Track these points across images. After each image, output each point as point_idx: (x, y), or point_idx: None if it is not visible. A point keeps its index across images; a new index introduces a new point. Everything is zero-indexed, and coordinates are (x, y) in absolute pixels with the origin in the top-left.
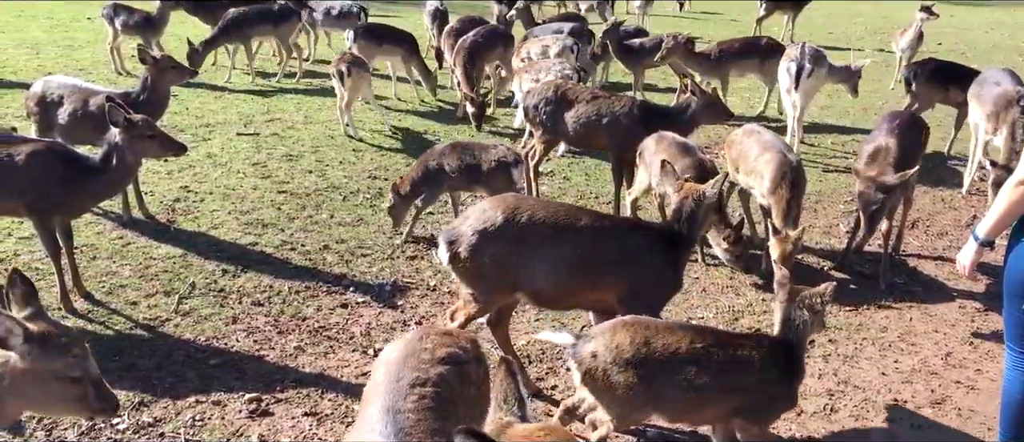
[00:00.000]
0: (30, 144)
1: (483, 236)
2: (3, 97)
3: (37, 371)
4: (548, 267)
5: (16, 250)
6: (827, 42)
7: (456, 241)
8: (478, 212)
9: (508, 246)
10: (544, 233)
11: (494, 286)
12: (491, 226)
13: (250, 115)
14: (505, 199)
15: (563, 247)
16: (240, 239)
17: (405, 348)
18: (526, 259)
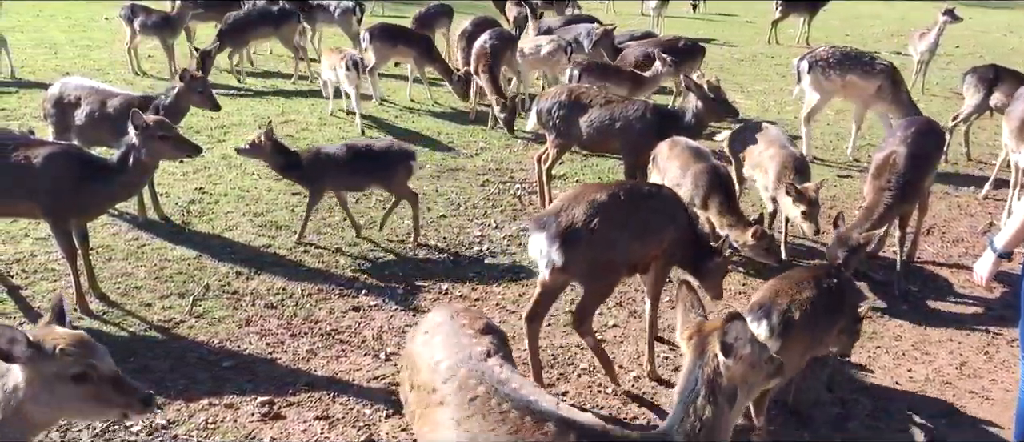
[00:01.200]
0: (47, 147)
1: (605, 218)
2: (22, 97)
3: (41, 376)
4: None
5: (33, 251)
6: (844, 44)
7: (573, 229)
8: (578, 199)
9: (622, 226)
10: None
11: (615, 266)
12: (609, 208)
13: (265, 117)
14: (593, 185)
15: None
16: (254, 241)
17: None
18: (638, 236)
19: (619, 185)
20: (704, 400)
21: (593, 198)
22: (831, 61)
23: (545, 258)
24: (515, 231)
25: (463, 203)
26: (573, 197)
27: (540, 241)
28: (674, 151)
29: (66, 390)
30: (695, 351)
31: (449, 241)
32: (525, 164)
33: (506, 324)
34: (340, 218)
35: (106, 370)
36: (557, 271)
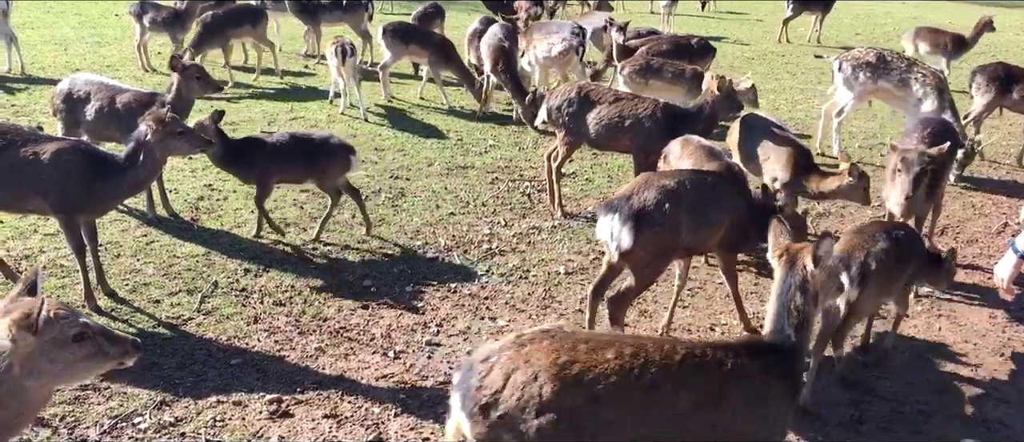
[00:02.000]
0: (55, 143)
1: (674, 203)
2: (32, 93)
3: (40, 347)
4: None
5: (41, 247)
6: (855, 43)
7: (645, 212)
8: (650, 184)
9: (690, 211)
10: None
11: (674, 249)
12: (678, 194)
13: (274, 114)
14: (656, 174)
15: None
16: (262, 238)
17: None
18: (700, 220)
19: (686, 172)
20: (800, 299)
21: (663, 183)
22: (865, 63)
23: (614, 240)
24: (524, 229)
25: (472, 201)
26: (643, 182)
27: (610, 223)
28: (687, 150)
29: (67, 353)
30: (786, 265)
31: (458, 239)
32: (534, 162)
33: (516, 322)
34: (349, 216)
35: (97, 326)
36: (624, 253)
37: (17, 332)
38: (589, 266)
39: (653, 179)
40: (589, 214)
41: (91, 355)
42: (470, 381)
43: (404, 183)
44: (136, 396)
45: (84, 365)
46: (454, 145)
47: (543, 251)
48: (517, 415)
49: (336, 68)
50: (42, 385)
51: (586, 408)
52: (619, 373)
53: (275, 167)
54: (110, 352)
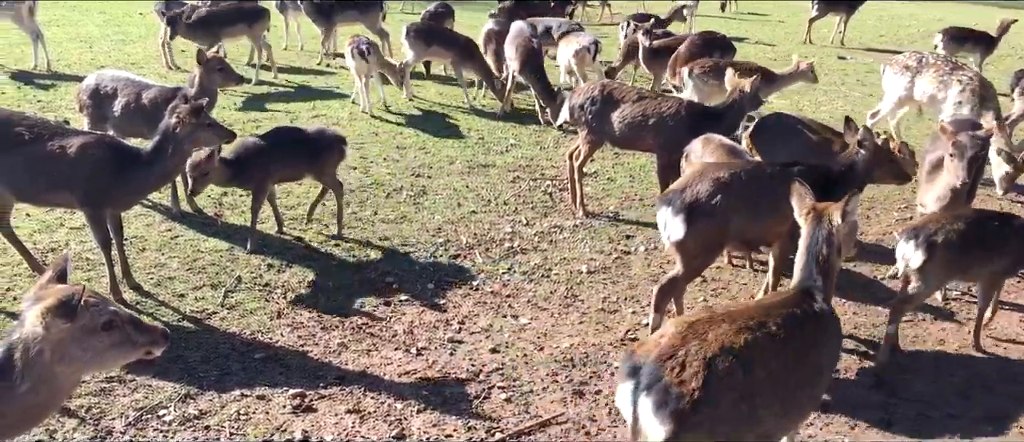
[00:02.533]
0: (82, 137)
1: (727, 195)
2: (58, 90)
3: (71, 333)
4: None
5: (67, 240)
6: (879, 45)
7: (697, 204)
8: (701, 177)
9: (743, 203)
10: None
11: (725, 241)
12: (731, 186)
13: (296, 111)
14: (713, 165)
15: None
16: (285, 234)
17: None
18: (752, 211)
19: (742, 165)
20: (826, 250)
21: (717, 176)
22: (907, 66)
23: (668, 231)
24: (546, 228)
25: (493, 199)
26: (698, 174)
27: (665, 215)
28: (708, 149)
29: (97, 341)
30: (814, 220)
31: (480, 237)
32: (556, 161)
33: (537, 321)
34: (371, 212)
35: (125, 314)
36: (677, 244)
37: (50, 319)
38: (611, 265)
39: (708, 171)
40: (611, 214)
41: (120, 343)
42: (663, 378)
43: (426, 181)
44: (161, 389)
45: (112, 353)
46: (475, 144)
47: (565, 250)
48: (722, 400)
49: (355, 68)
50: (72, 372)
51: (760, 383)
52: (765, 342)
53: (276, 167)
54: (139, 341)
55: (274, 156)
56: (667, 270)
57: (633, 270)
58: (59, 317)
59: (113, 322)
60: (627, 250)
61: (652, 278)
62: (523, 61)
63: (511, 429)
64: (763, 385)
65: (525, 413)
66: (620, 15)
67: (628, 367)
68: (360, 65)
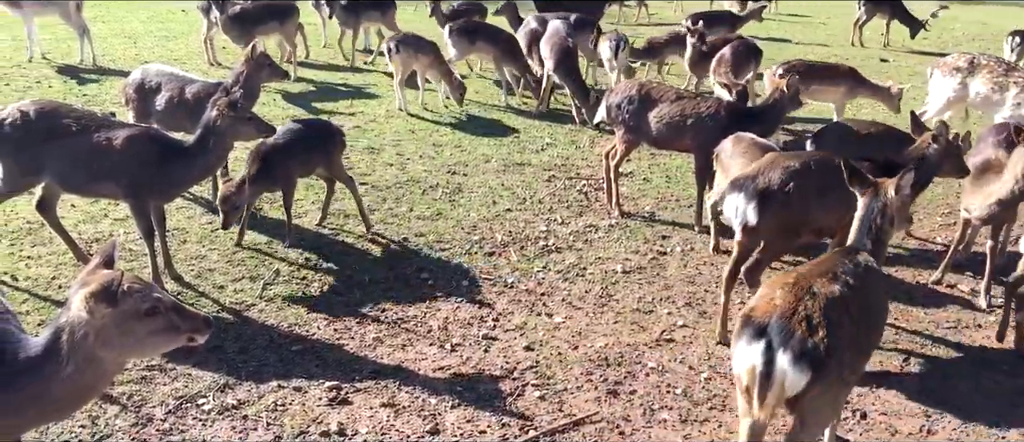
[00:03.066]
0: (128, 129)
1: (799, 182)
2: (102, 84)
3: (114, 318)
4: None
5: (111, 231)
6: (922, 47)
7: (769, 190)
8: (773, 165)
9: (814, 191)
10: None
11: (800, 227)
12: (802, 174)
13: (334, 108)
14: (785, 153)
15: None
16: (323, 229)
17: None
18: (821, 200)
19: (812, 154)
20: (879, 220)
21: (788, 164)
22: (957, 68)
23: (740, 217)
24: (581, 227)
25: (529, 198)
26: (769, 163)
27: (737, 201)
28: (739, 148)
29: (140, 326)
30: (871, 193)
31: (515, 235)
32: (591, 160)
33: (571, 320)
34: (406, 208)
35: (169, 301)
36: (749, 230)
37: (94, 303)
38: (646, 265)
39: (780, 159)
40: (647, 213)
41: (163, 329)
42: (796, 332)
43: (461, 178)
44: (200, 378)
45: (155, 339)
46: (511, 142)
47: (600, 249)
48: (841, 345)
49: (391, 61)
50: (115, 355)
51: (856, 327)
52: (848, 293)
53: (295, 164)
54: (181, 327)
55: (295, 155)
56: (702, 271)
57: (669, 271)
58: (101, 302)
59: (156, 308)
60: (663, 250)
61: (688, 279)
62: (558, 60)
63: (544, 427)
64: (858, 328)
65: (559, 411)
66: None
67: (752, 330)
68: (397, 62)
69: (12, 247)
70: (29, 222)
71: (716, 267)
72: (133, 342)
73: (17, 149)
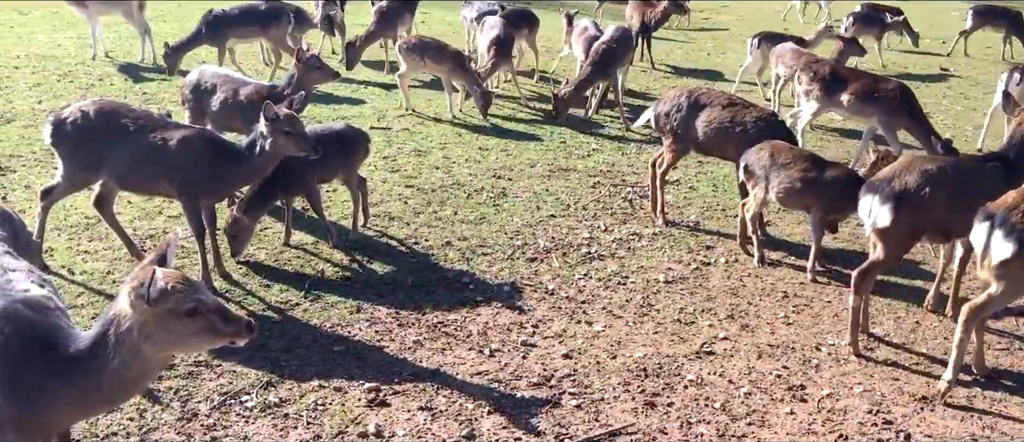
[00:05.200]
0: (182, 130)
1: (933, 186)
2: (161, 84)
3: (157, 315)
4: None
5: (165, 228)
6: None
7: (906, 194)
8: (909, 168)
9: (947, 195)
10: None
11: (923, 230)
12: (938, 177)
13: (384, 110)
14: (919, 157)
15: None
16: (367, 230)
17: None
18: (950, 202)
19: (946, 158)
20: None
21: (925, 168)
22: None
23: (872, 218)
24: (624, 234)
25: (573, 204)
26: (905, 166)
27: (871, 202)
28: (766, 153)
29: (181, 325)
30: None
31: (557, 241)
32: (637, 167)
33: (611, 329)
34: (451, 212)
35: (213, 303)
36: (880, 231)
37: (135, 298)
38: (689, 275)
39: (916, 163)
40: (691, 223)
41: (203, 330)
42: (1010, 219)
43: (506, 183)
44: (244, 375)
45: (197, 339)
46: (557, 148)
47: (642, 258)
48: None
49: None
50: (158, 351)
51: None
52: None
53: (312, 172)
54: (222, 330)
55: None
56: (746, 283)
57: (712, 281)
58: (139, 298)
59: (198, 309)
60: (707, 261)
61: (731, 291)
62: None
63: (580, 436)
64: None
65: (595, 421)
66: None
67: (983, 215)
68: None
69: (70, 241)
70: (87, 217)
71: (760, 279)
72: (175, 340)
73: (78, 147)
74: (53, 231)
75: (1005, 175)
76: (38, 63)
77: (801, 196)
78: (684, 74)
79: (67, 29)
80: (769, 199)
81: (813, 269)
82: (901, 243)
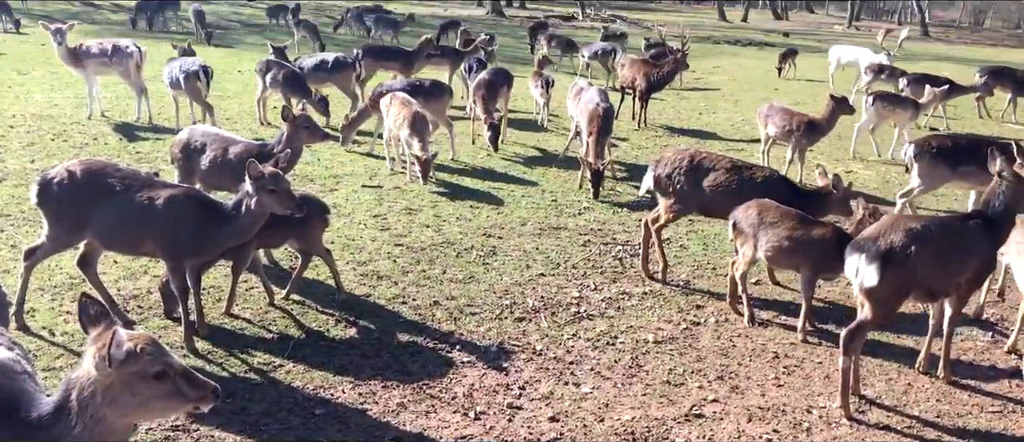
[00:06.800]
0: (169, 189)
1: (919, 245)
2: (155, 143)
3: (122, 378)
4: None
5: (149, 288)
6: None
7: (892, 253)
8: (893, 227)
9: (933, 254)
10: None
11: (911, 289)
12: (924, 235)
13: (376, 168)
14: (904, 216)
15: None
16: (355, 289)
17: None
18: (936, 260)
19: (931, 218)
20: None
21: (909, 226)
22: None
23: (859, 277)
24: (614, 294)
25: (563, 263)
26: (890, 225)
27: (858, 262)
28: (754, 212)
29: (147, 389)
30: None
31: (547, 300)
32: (628, 225)
33: (599, 390)
34: (440, 270)
35: (179, 366)
36: (867, 291)
37: (99, 361)
38: (679, 335)
39: (900, 222)
40: (682, 282)
41: (169, 394)
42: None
43: (496, 241)
44: (222, 440)
45: (162, 403)
46: (549, 205)
47: (632, 317)
48: None
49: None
50: (121, 416)
51: None
52: None
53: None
54: (188, 395)
55: None
56: (736, 343)
57: (702, 341)
58: (103, 361)
59: (165, 373)
60: (697, 320)
61: (721, 351)
62: (588, 122)
63: None
64: None
65: None
66: None
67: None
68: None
69: (53, 302)
70: (71, 277)
71: (750, 339)
72: (139, 404)
73: (64, 208)
74: (37, 291)
75: (987, 231)
76: (33, 123)
77: (790, 255)
78: (676, 133)
79: (65, 89)
80: (758, 258)
81: (804, 329)
82: (889, 303)
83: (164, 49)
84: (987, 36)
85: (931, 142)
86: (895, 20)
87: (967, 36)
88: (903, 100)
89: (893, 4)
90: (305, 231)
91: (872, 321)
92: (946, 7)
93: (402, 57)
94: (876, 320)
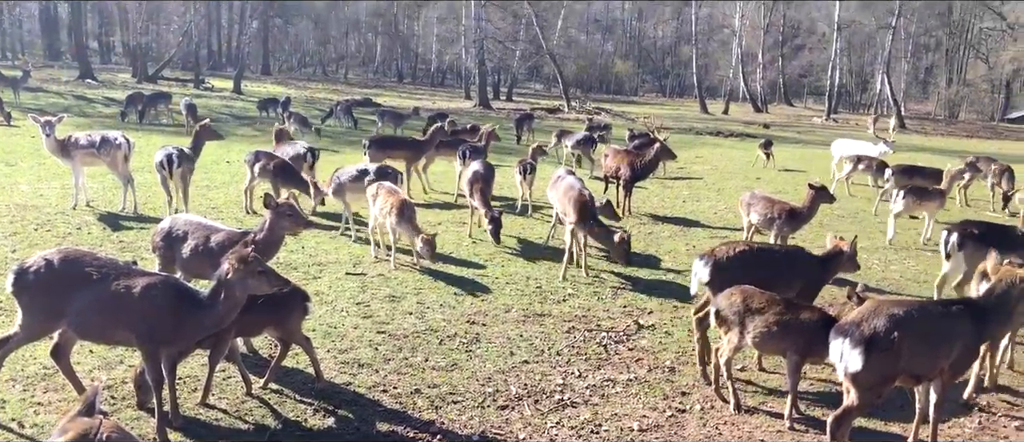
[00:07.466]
0: (145, 278)
1: (902, 330)
2: (139, 232)
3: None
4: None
5: (124, 378)
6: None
7: (875, 338)
8: (876, 312)
9: (916, 338)
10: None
11: (895, 374)
12: (907, 320)
13: (360, 256)
14: (887, 301)
15: None
16: (335, 378)
17: None
18: (919, 345)
19: (915, 302)
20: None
21: (892, 312)
22: None
23: (844, 363)
24: (599, 381)
25: (546, 349)
26: (873, 310)
27: (842, 347)
28: (753, 301)
29: None
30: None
31: (530, 388)
32: (612, 312)
33: None
34: (422, 358)
35: None
36: (851, 376)
37: None
38: (664, 423)
39: (883, 307)
40: (667, 367)
41: None
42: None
43: (480, 328)
44: None
45: None
46: (533, 292)
47: (616, 405)
48: None
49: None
50: None
51: None
52: None
53: (231, 326)
54: None
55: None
56: (723, 431)
57: (687, 430)
58: None
59: None
60: (682, 408)
61: (707, 439)
62: (576, 210)
63: None
64: None
65: None
66: None
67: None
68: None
69: (25, 393)
70: (45, 368)
71: (736, 426)
72: None
73: (39, 297)
74: (8, 382)
75: (971, 318)
76: (18, 212)
77: (778, 341)
78: (661, 221)
79: (52, 180)
80: (744, 344)
81: (791, 416)
82: (874, 388)
83: (154, 139)
84: (962, 128)
85: (972, 229)
86: (871, 112)
87: (942, 127)
88: (930, 193)
89: (869, 97)
90: (284, 319)
91: (858, 407)
92: (921, 99)
93: (411, 146)
94: (862, 406)
